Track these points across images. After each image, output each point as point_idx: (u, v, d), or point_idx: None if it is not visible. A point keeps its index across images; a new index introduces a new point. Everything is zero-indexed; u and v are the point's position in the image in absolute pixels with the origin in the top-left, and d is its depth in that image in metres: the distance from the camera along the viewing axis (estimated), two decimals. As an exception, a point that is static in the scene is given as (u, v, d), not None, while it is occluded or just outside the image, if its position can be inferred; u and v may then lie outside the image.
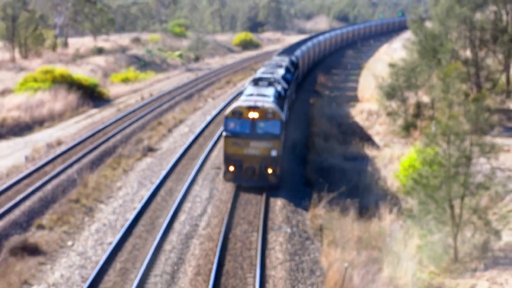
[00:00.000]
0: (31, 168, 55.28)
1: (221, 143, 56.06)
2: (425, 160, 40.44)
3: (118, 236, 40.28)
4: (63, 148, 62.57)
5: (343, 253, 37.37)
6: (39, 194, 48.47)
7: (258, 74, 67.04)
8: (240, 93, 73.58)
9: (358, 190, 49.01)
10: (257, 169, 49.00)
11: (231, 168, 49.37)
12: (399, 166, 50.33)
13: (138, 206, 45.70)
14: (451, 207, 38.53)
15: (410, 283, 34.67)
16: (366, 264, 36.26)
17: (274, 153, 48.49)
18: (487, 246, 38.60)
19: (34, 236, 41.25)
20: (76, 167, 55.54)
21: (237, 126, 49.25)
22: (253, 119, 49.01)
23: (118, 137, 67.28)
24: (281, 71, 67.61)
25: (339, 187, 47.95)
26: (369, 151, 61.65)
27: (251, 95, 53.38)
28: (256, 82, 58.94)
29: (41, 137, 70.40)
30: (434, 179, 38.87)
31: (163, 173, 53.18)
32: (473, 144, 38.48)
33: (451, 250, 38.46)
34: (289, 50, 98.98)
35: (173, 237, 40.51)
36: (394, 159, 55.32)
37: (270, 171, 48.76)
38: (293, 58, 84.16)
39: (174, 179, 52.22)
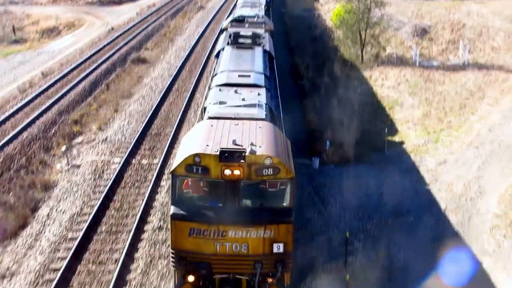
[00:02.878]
0: (140, 18, 53.57)
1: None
2: (346, 10, 39.15)
3: (187, 53, 39.42)
4: (156, 7, 60.42)
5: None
6: (144, 32, 47.11)
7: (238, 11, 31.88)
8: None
9: (311, 27, 47.62)
10: (244, 281, 12.58)
11: (190, 279, 12.53)
12: (332, 14, 48.82)
13: (197, 36, 44.52)
14: (360, 34, 37.63)
15: (339, 72, 34.47)
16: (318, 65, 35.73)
17: (279, 248, 12.28)
18: (378, 55, 37.89)
19: (143, 53, 40.34)
20: (163, 17, 53.88)
21: (200, 194, 12.62)
22: (233, 179, 12.04)
23: (184, 1, 64.84)
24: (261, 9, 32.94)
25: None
26: (317, 6, 59.61)
27: (231, 85, 16.36)
28: (235, 39, 22.63)
29: (144, 2, 67.58)
30: (351, 20, 37.88)
31: (209, 19, 51.48)
32: (371, 1, 37.51)
33: (360, 57, 37.77)
34: None
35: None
36: (330, 10, 53.40)
37: (270, 280, 12.50)
38: None
39: (214, 22, 50.53)
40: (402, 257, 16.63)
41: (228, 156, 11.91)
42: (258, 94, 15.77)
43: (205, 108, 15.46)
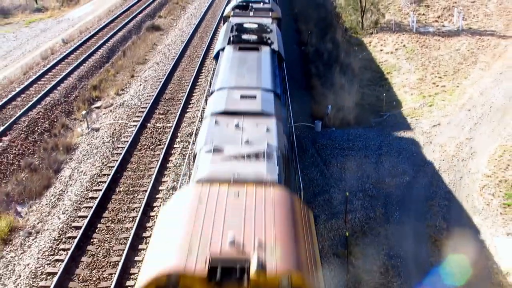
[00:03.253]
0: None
1: None
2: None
3: (198, 20, 38.46)
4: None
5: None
6: (158, 0, 45.93)
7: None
8: None
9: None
10: None
11: None
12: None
13: (207, 4, 43.37)
14: (360, 2, 36.37)
15: (341, 38, 33.45)
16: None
17: None
18: (377, 21, 36.75)
19: (157, 21, 39.35)
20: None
21: None
22: None
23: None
24: None
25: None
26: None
27: (231, 114, 11.77)
28: (238, 34, 17.67)
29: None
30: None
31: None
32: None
33: (360, 24, 36.69)
34: None
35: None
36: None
37: None
38: None
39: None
40: (398, 215, 16.41)
41: (223, 274, 6.91)
42: (267, 130, 11.06)
43: (195, 156, 10.76)
